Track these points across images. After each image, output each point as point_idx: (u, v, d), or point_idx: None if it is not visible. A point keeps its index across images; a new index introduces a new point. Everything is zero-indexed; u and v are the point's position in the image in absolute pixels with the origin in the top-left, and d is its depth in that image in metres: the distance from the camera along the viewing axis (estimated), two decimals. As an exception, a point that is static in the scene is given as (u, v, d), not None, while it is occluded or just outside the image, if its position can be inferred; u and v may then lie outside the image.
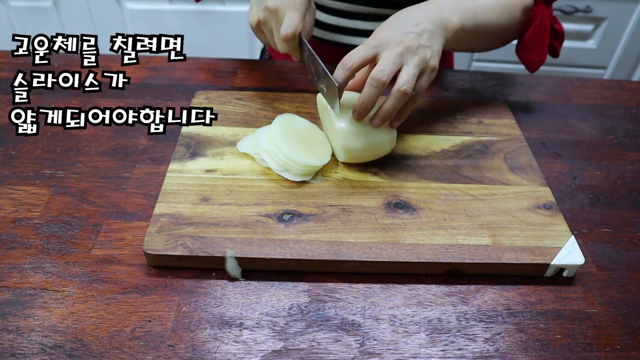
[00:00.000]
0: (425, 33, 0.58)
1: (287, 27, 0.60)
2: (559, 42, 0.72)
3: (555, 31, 0.71)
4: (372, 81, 0.54)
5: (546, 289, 0.52)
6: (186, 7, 1.58)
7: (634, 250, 0.57)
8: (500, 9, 0.67)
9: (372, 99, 0.55)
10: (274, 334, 0.47)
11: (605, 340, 0.48)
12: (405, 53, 0.56)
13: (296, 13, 0.61)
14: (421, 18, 0.59)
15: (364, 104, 0.55)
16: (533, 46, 0.71)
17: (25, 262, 0.51)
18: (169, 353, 0.45)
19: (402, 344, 0.46)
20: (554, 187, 0.63)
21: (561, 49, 0.73)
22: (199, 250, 0.51)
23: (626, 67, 1.65)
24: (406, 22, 0.59)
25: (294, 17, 0.60)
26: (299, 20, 0.61)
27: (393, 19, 0.60)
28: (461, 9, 0.63)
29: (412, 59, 0.56)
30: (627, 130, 0.75)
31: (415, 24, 0.58)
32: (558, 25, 0.71)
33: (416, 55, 0.56)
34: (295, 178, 0.58)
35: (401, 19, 0.59)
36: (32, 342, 0.45)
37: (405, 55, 0.56)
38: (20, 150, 0.64)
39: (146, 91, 0.76)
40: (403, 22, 0.59)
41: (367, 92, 0.55)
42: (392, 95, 0.55)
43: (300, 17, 0.61)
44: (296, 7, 0.61)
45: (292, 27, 0.60)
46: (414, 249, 0.52)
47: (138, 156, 0.64)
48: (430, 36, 0.58)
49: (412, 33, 0.57)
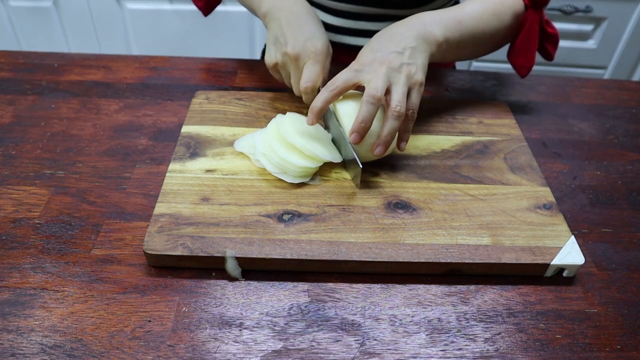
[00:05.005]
0: (407, 50, 0.58)
1: (307, 81, 0.62)
2: (553, 45, 0.72)
3: (548, 35, 0.71)
4: (367, 98, 0.55)
5: (546, 289, 0.52)
6: (186, 7, 1.58)
7: (634, 250, 0.57)
8: (488, 16, 0.67)
9: (371, 115, 0.55)
10: (274, 334, 0.47)
11: (605, 340, 0.48)
12: (389, 72, 0.56)
13: (317, 65, 0.62)
14: (402, 37, 0.60)
15: (362, 122, 0.55)
16: (522, 51, 0.71)
17: (25, 262, 0.51)
18: (169, 353, 0.45)
19: (402, 344, 0.46)
20: (554, 187, 0.63)
21: (556, 52, 0.73)
22: (199, 250, 0.51)
23: (626, 67, 1.65)
24: (387, 42, 0.59)
25: (314, 70, 0.62)
26: (318, 73, 0.62)
27: (375, 41, 0.61)
28: (444, 22, 0.63)
29: (398, 77, 0.56)
30: (627, 130, 0.75)
31: (396, 43, 0.59)
32: (551, 28, 0.71)
33: (401, 73, 0.57)
34: (292, 180, 0.58)
35: (382, 40, 0.60)
36: (32, 342, 0.45)
37: (391, 75, 0.56)
38: (20, 150, 0.64)
39: (146, 91, 0.76)
40: (384, 43, 0.59)
41: (364, 110, 0.55)
42: (389, 118, 0.56)
43: (320, 69, 0.62)
44: (317, 58, 0.62)
45: (311, 81, 0.62)
46: (414, 249, 0.52)
47: (138, 156, 0.64)
48: (412, 52, 0.59)
49: (393, 53, 0.58)
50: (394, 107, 0.55)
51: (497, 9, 0.68)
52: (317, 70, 0.62)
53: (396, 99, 0.55)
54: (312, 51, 0.62)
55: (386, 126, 0.56)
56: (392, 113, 0.55)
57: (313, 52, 0.62)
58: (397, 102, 0.55)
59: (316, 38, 0.63)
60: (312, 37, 0.63)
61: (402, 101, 0.55)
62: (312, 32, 0.64)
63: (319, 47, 0.63)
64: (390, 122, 0.56)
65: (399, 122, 0.56)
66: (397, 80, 0.56)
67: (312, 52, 0.62)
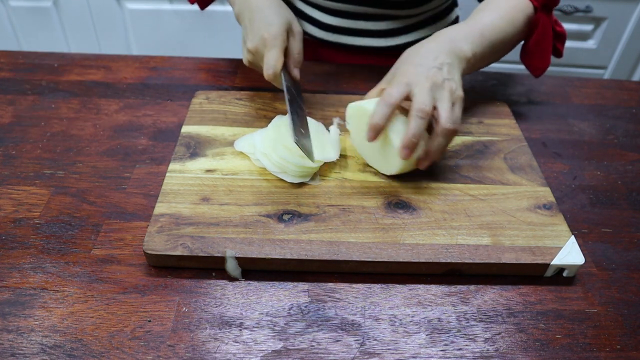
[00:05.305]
0: (445, 66, 0.58)
1: (267, 69, 0.63)
2: (562, 43, 0.73)
3: (557, 33, 0.72)
4: (417, 113, 0.54)
5: (546, 289, 0.52)
6: (186, 7, 1.58)
7: (634, 250, 0.57)
8: (505, 24, 0.67)
9: (420, 130, 0.54)
10: (274, 334, 0.47)
11: (605, 340, 0.48)
12: (434, 88, 0.56)
13: (273, 51, 0.63)
14: (437, 52, 0.60)
15: (413, 137, 0.54)
16: (536, 53, 0.71)
17: (25, 262, 0.51)
18: (169, 353, 0.45)
19: (402, 344, 0.46)
20: (554, 187, 0.63)
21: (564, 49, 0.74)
22: (199, 250, 0.51)
23: (626, 67, 1.65)
24: (425, 57, 0.59)
25: (271, 56, 0.63)
26: (276, 58, 0.63)
27: (412, 55, 0.61)
28: (471, 37, 0.63)
29: (443, 93, 0.56)
30: (627, 130, 0.75)
31: (433, 58, 0.59)
32: (559, 27, 0.72)
33: (444, 89, 0.57)
34: (292, 180, 0.58)
35: (420, 54, 0.60)
36: (32, 342, 0.45)
37: (436, 91, 0.56)
38: (20, 150, 0.64)
39: (146, 91, 0.76)
40: (422, 58, 0.59)
41: (414, 124, 0.54)
42: (439, 135, 0.55)
43: (277, 54, 0.63)
44: (273, 43, 0.63)
45: (271, 67, 0.63)
46: (414, 249, 0.52)
47: (138, 156, 0.64)
48: (450, 68, 0.59)
49: (434, 68, 0.58)
50: (444, 125, 0.55)
51: (512, 15, 0.68)
52: (275, 55, 0.63)
53: (445, 115, 0.55)
54: (266, 39, 0.63)
55: (435, 142, 0.56)
56: (442, 131, 0.55)
57: (268, 39, 0.63)
58: (447, 119, 0.55)
59: (271, 25, 0.64)
60: (268, 25, 0.64)
61: (450, 117, 0.55)
62: (268, 21, 0.64)
63: (272, 33, 0.63)
64: (439, 139, 0.56)
65: (449, 139, 0.56)
66: (442, 96, 0.56)
67: (267, 40, 0.63)
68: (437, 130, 0.56)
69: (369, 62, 0.86)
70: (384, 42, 0.85)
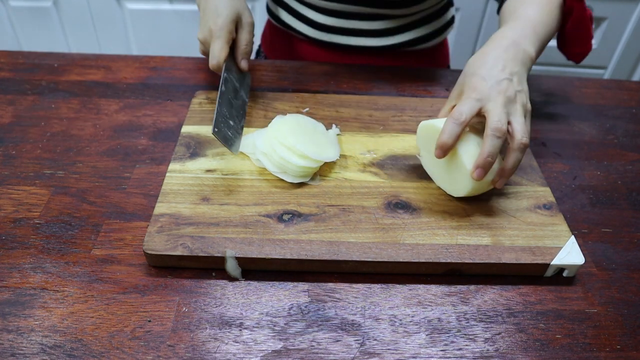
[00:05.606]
0: (515, 76, 0.57)
1: (212, 60, 0.65)
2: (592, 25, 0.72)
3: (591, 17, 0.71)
4: (494, 132, 0.53)
5: (546, 289, 0.52)
6: (186, 7, 1.58)
7: (634, 250, 0.57)
8: (548, 18, 0.65)
9: (497, 149, 0.53)
10: (274, 334, 0.47)
11: (605, 340, 0.48)
12: (507, 103, 0.55)
13: (217, 42, 0.65)
14: (505, 60, 0.57)
15: (489, 157, 0.52)
16: (576, 40, 0.71)
17: (25, 262, 0.51)
18: (169, 353, 0.45)
19: (402, 344, 0.46)
20: (554, 187, 0.63)
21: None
22: (199, 250, 0.51)
23: (626, 67, 1.65)
24: (492, 67, 0.57)
25: (215, 47, 0.65)
26: (220, 48, 0.65)
27: (479, 67, 0.58)
28: (529, 36, 0.61)
29: (516, 108, 0.55)
30: (627, 130, 0.75)
31: (502, 68, 0.57)
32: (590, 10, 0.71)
33: (517, 103, 0.55)
34: (292, 180, 0.58)
35: (487, 64, 0.57)
36: (32, 342, 0.45)
37: (509, 106, 0.55)
38: (20, 150, 0.64)
39: (146, 91, 0.76)
40: (490, 69, 0.57)
41: (490, 144, 0.52)
42: (515, 151, 0.54)
43: (221, 45, 0.65)
44: (217, 34, 0.65)
45: (215, 58, 0.65)
46: (414, 249, 0.52)
47: (138, 156, 0.64)
48: (519, 78, 0.57)
49: (504, 80, 0.56)
50: (520, 140, 0.53)
51: (550, 7, 0.66)
52: (219, 46, 0.64)
53: (520, 131, 0.54)
54: (213, 30, 0.65)
55: (510, 158, 0.54)
56: (519, 145, 0.53)
57: (214, 30, 0.65)
58: (522, 134, 0.54)
59: (219, 16, 0.65)
60: (216, 17, 0.65)
61: (525, 133, 0.54)
62: (217, 12, 0.66)
63: (219, 24, 0.65)
64: (515, 154, 0.54)
65: (522, 155, 0.54)
66: (515, 110, 0.55)
67: (213, 31, 0.65)
68: (514, 145, 0.54)
69: (364, 62, 0.86)
70: (379, 41, 0.85)
